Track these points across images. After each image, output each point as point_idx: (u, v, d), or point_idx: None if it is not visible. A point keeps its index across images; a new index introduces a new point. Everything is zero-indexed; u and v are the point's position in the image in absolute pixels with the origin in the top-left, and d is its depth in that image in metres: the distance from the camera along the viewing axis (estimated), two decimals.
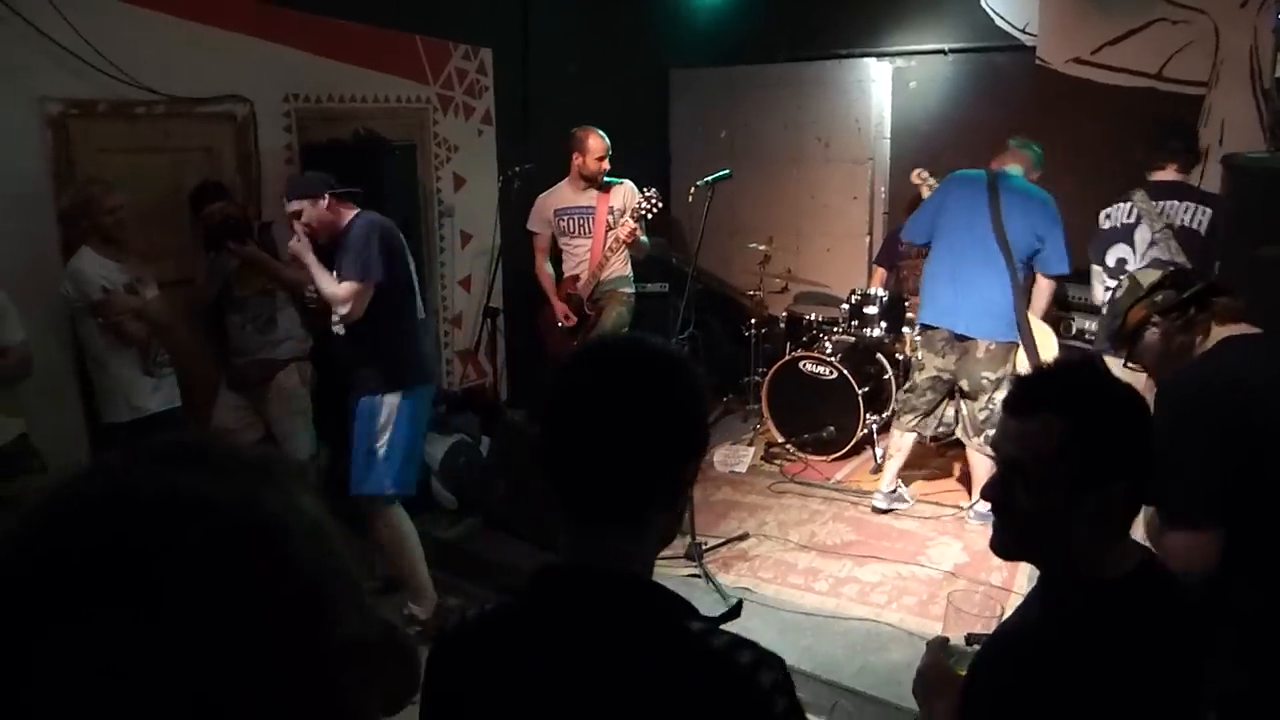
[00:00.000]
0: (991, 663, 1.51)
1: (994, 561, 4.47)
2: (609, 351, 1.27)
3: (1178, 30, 5.65)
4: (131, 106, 4.39)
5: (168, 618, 0.55)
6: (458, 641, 1.27)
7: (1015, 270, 4.56)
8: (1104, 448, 1.44)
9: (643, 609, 1.19)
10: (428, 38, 5.81)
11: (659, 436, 1.19)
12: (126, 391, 4.10)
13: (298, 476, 0.69)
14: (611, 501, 1.21)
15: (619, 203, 5.29)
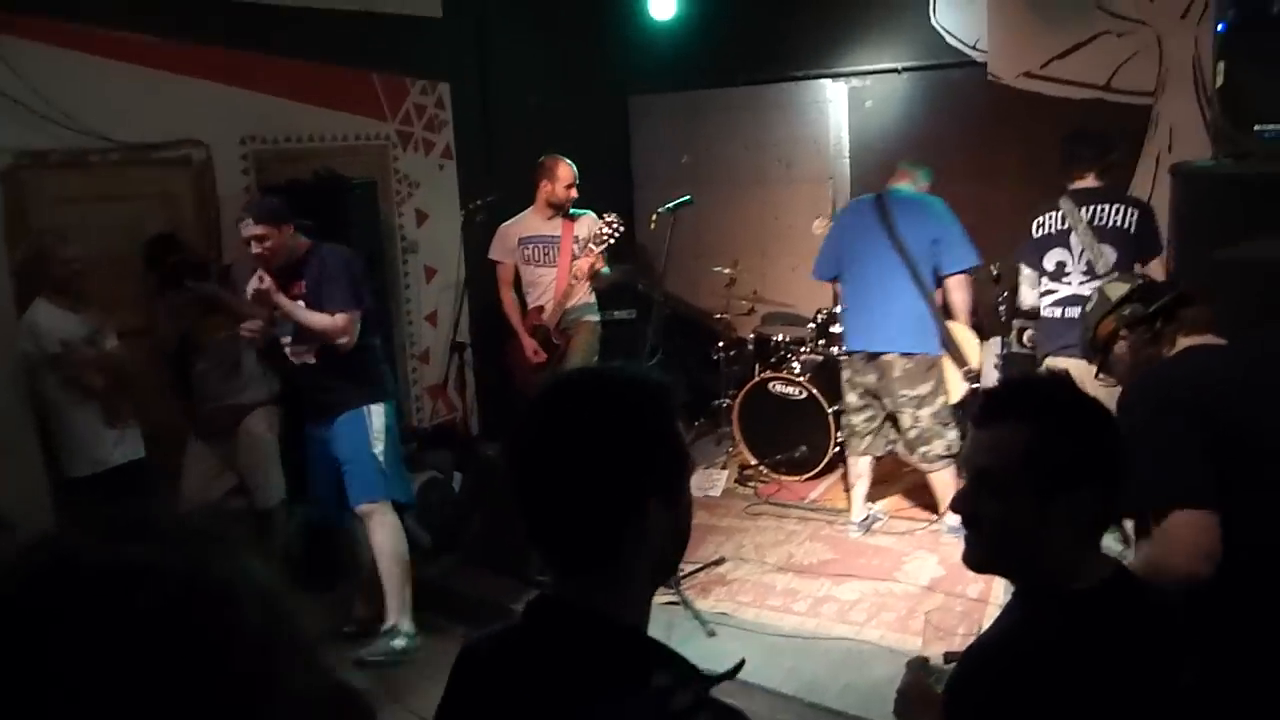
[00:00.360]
0: (970, 676, 1.51)
1: (971, 575, 4.46)
2: (559, 392, 1.23)
3: (1123, 42, 5.76)
4: (85, 155, 4.36)
5: (116, 685, 0.56)
6: (474, 654, 1.29)
7: (922, 280, 4.65)
8: (1068, 453, 1.46)
9: (607, 656, 1.14)
10: (384, 74, 5.82)
11: (612, 474, 1.14)
12: (89, 445, 4.04)
13: (247, 542, 0.70)
14: (578, 546, 1.18)
15: (584, 232, 5.29)
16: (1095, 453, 1.47)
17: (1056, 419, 1.49)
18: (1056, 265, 4.36)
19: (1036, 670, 1.41)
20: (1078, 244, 4.31)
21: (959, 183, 6.61)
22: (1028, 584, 1.55)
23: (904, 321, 4.67)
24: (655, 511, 1.16)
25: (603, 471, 1.14)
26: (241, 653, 0.62)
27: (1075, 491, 1.44)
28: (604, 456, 1.14)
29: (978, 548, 1.57)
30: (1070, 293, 4.30)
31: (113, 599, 0.58)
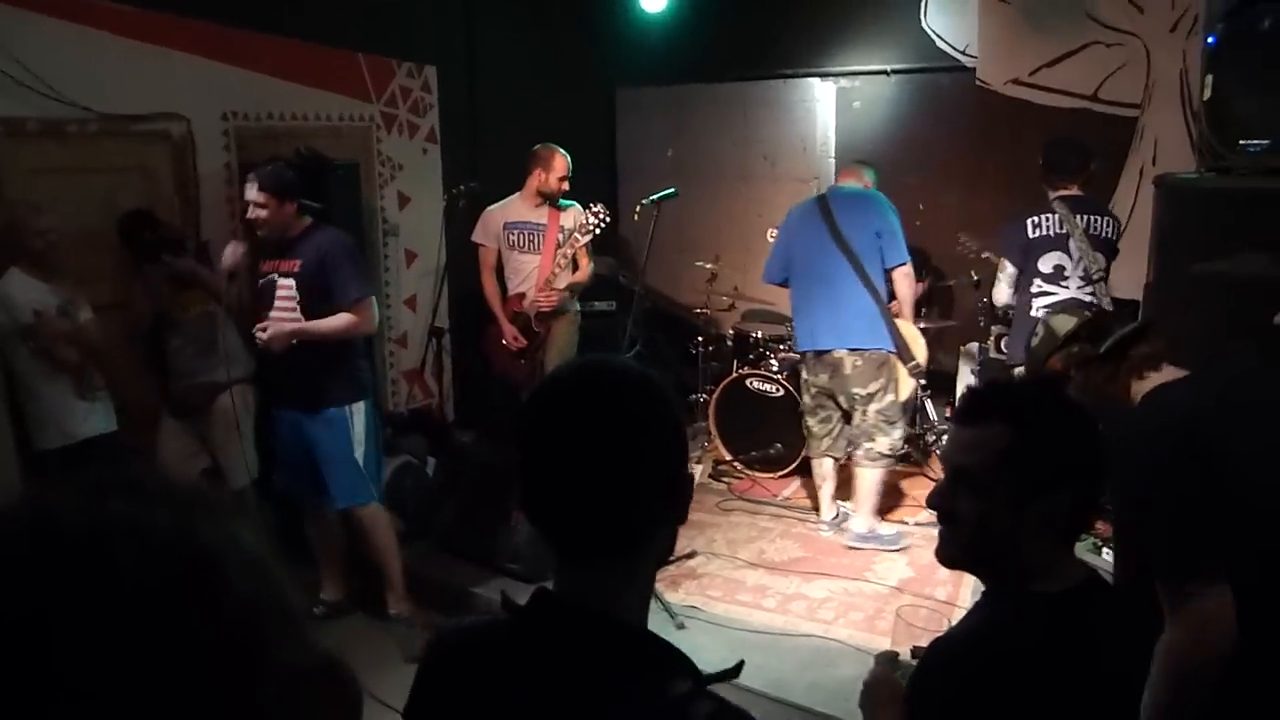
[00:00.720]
0: (936, 674, 1.51)
1: (939, 576, 4.50)
2: (582, 381, 1.20)
3: (1111, 53, 5.79)
4: (62, 125, 4.29)
5: (97, 647, 0.54)
6: (452, 654, 1.24)
7: (869, 275, 4.67)
8: (1047, 457, 1.47)
9: (626, 662, 1.12)
10: (371, 55, 5.76)
11: (652, 463, 1.14)
12: (59, 417, 3.99)
13: (236, 510, 0.67)
14: (609, 537, 1.15)
15: (570, 223, 5.28)
16: (1073, 458, 1.48)
17: (1037, 422, 1.50)
18: (1054, 269, 4.38)
19: (1005, 671, 1.41)
20: (1075, 249, 4.34)
21: (944, 188, 6.66)
22: (998, 584, 1.56)
23: (852, 318, 4.70)
24: (672, 501, 1.17)
25: (645, 460, 1.13)
26: (230, 619, 0.60)
27: (1052, 495, 1.45)
28: (648, 445, 1.14)
29: (951, 545, 1.58)
30: (1068, 296, 4.34)
31: (96, 559, 0.56)
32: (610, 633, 1.14)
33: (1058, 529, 1.48)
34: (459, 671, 1.21)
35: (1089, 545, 4.66)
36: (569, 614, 1.16)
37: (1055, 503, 1.45)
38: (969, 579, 4.40)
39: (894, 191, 6.57)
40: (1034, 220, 4.42)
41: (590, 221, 5.07)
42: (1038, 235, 4.41)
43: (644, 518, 1.15)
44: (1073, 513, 1.49)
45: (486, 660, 1.19)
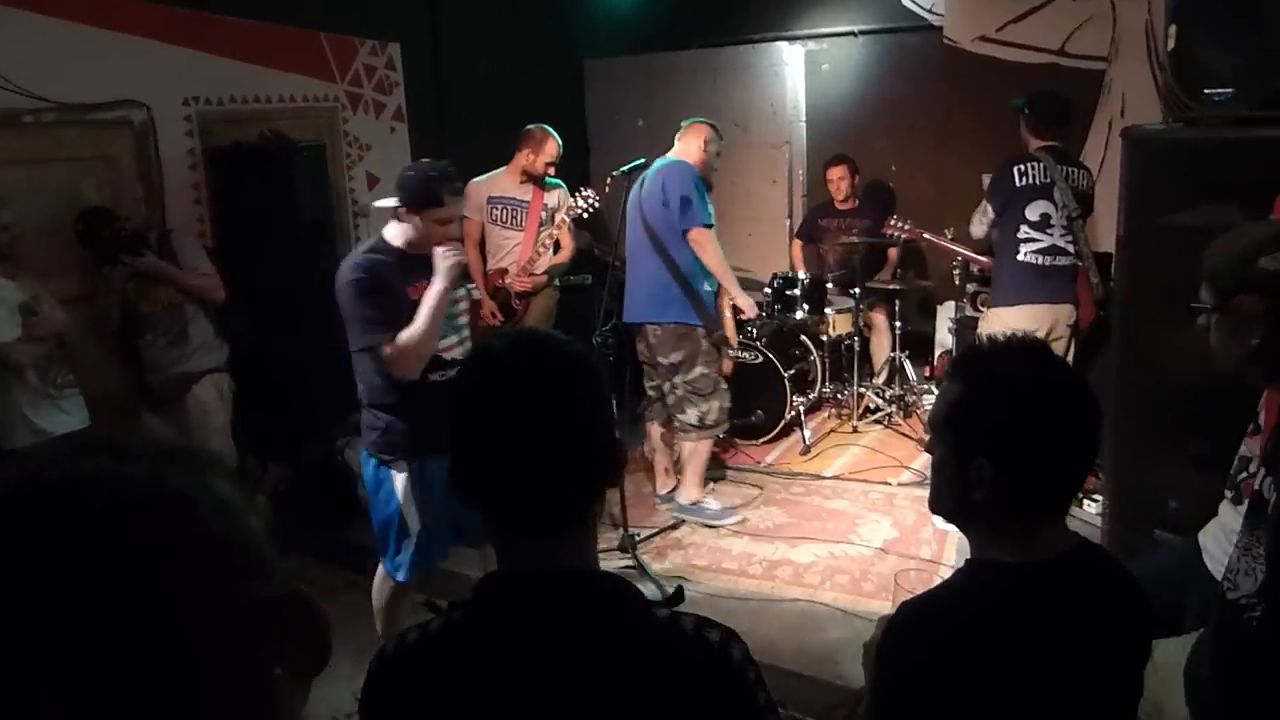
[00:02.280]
0: (906, 635, 1.50)
1: (923, 535, 4.54)
2: (509, 361, 1.20)
3: (1077, 7, 5.77)
4: (18, 115, 4.21)
5: (73, 579, 0.61)
6: (399, 663, 1.22)
7: (663, 247, 4.60)
8: (978, 417, 1.47)
9: (608, 602, 1.19)
10: (332, 34, 5.68)
11: (587, 437, 1.19)
12: (28, 415, 3.94)
13: (213, 463, 0.74)
14: (557, 512, 1.19)
15: (553, 201, 5.26)
16: (1000, 427, 1.46)
17: (979, 384, 1.51)
18: (1041, 216, 4.43)
19: (972, 637, 1.41)
20: (1060, 198, 4.38)
21: (915, 147, 6.65)
22: (975, 549, 1.56)
23: (646, 291, 4.69)
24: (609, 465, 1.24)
25: (589, 433, 1.19)
26: (197, 554, 0.67)
27: (982, 456, 1.45)
28: (589, 418, 1.19)
29: (931, 490, 1.61)
30: (1051, 243, 4.43)
31: (75, 505, 0.63)
32: (582, 583, 1.20)
33: (1001, 496, 1.45)
34: (413, 676, 1.20)
35: None
36: (533, 580, 1.18)
37: (983, 467, 1.44)
38: (954, 537, 4.43)
39: (865, 152, 6.60)
40: (1020, 168, 4.44)
41: (580, 205, 5.03)
42: (1024, 183, 4.43)
43: (588, 486, 1.21)
44: (1007, 483, 1.44)
45: (450, 656, 1.18)
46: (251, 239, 4.94)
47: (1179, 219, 2.93)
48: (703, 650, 1.17)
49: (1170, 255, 2.98)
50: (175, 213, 4.86)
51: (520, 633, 1.15)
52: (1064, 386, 1.50)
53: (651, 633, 1.17)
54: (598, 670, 1.13)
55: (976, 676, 1.40)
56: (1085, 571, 1.51)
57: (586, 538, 1.23)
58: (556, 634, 1.14)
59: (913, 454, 5.55)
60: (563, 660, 1.13)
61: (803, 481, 5.29)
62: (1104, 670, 1.47)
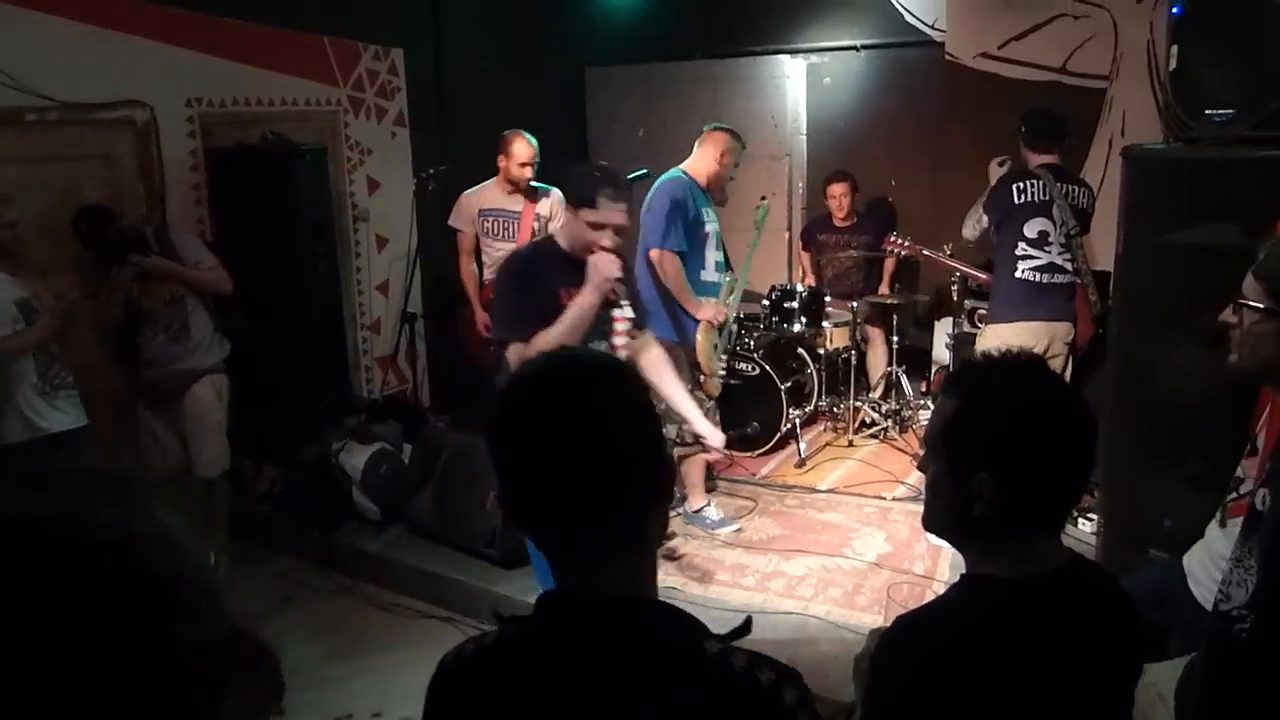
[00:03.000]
0: (898, 648, 1.50)
1: (917, 550, 4.53)
2: (549, 383, 1.19)
3: (1079, 25, 5.80)
4: (21, 114, 4.22)
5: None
6: (459, 673, 1.22)
7: (648, 260, 4.56)
8: (973, 433, 1.47)
9: (658, 633, 1.15)
10: (336, 38, 5.70)
11: (634, 453, 1.15)
12: (22, 410, 3.93)
13: (153, 491, 0.69)
14: (601, 535, 1.16)
15: (545, 210, 5.24)
16: (995, 442, 1.45)
17: (975, 399, 1.51)
18: (1039, 234, 4.43)
19: (965, 652, 1.41)
20: (1059, 216, 4.39)
21: (914, 162, 6.67)
22: (969, 563, 1.56)
23: (641, 303, 4.65)
24: (658, 484, 1.19)
25: (627, 453, 1.15)
26: (129, 598, 0.62)
27: (978, 472, 1.44)
28: (626, 437, 1.15)
29: (925, 507, 1.62)
30: (1049, 260, 4.43)
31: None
32: (635, 611, 1.16)
33: (999, 511, 1.45)
34: (471, 688, 1.20)
35: None
36: (588, 603, 1.17)
37: (981, 481, 1.44)
38: (947, 552, 4.43)
39: (864, 166, 6.61)
40: (1019, 186, 4.45)
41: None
42: (1023, 201, 4.44)
43: (635, 509, 1.16)
44: (1005, 497, 1.44)
45: (505, 671, 1.18)
46: (251, 240, 4.94)
47: (1178, 238, 2.93)
48: (750, 690, 1.12)
49: (1169, 274, 2.99)
50: (176, 213, 4.86)
51: (563, 656, 1.14)
52: (1061, 401, 1.49)
53: (696, 667, 1.12)
54: (634, 702, 1.11)
55: (969, 692, 1.40)
56: (1079, 587, 1.50)
57: (641, 563, 1.20)
58: (598, 661, 1.12)
59: (908, 469, 5.55)
60: (600, 688, 1.11)
61: (797, 494, 5.29)
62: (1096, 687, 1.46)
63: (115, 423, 4.56)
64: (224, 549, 4.74)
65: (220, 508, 4.72)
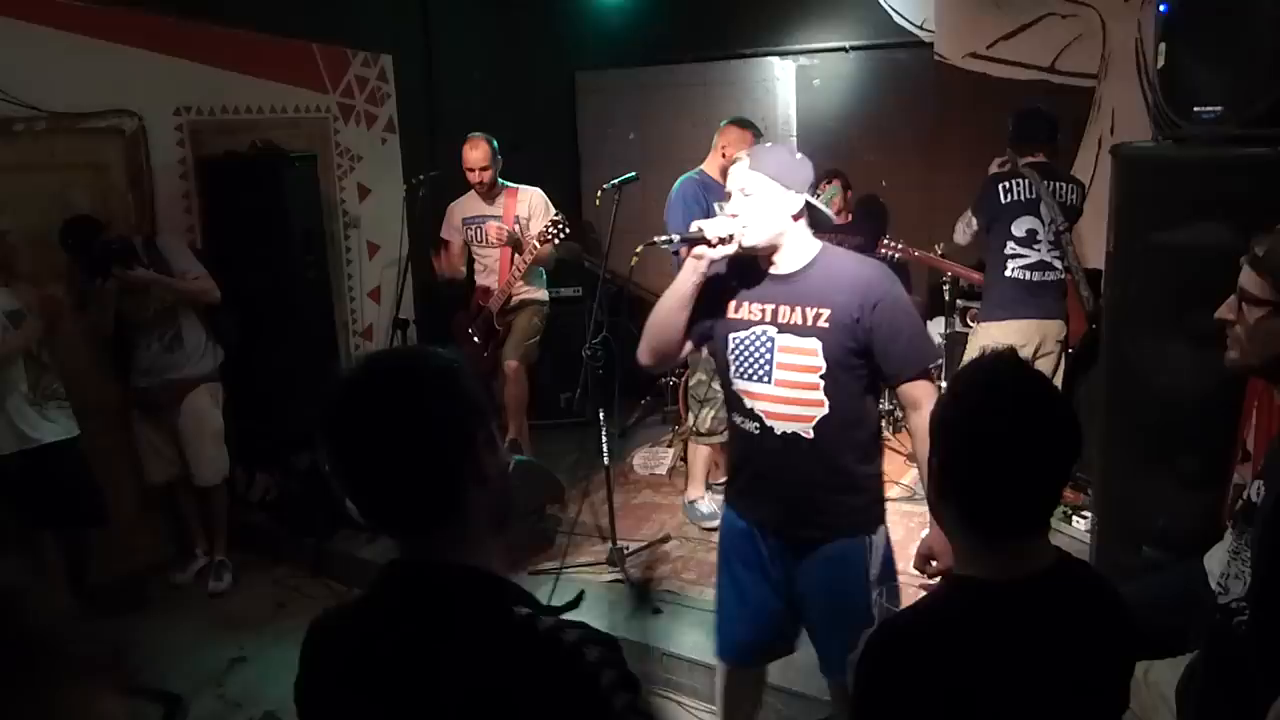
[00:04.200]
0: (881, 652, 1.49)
1: (911, 551, 4.49)
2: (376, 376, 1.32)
3: (1067, 24, 5.81)
4: (10, 124, 4.21)
5: None
6: (322, 631, 1.35)
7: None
8: (940, 431, 1.49)
9: (465, 595, 1.25)
10: (325, 45, 5.69)
11: (443, 442, 1.26)
12: (12, 421, 3.92)
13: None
14: (423, 509, 1.28)
15: (524, 211, 5.23)
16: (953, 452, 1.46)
17: (948, 395, 1.53)
18: (1027, 232, 4.43)
19: (948, 654, 1.42)
20: (1047, 214, 4.39)
21: (905, 163, 6.66)
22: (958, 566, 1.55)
23: None
24: (485, 458, 1.30)
25: (435, 434, 1.26)
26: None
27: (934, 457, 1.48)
28: (433, 420, 1.26)
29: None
30: (1039, 259, 4.43)
31: None
32: (449, 577, 1.27)
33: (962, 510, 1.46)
34: (326, 645, 1.34)
35: (1058, 513, 4.72)
36: (412, 570, 1.30)
37: (934, 466, 1.48)
38: None
39: (855, 167, 6.61)
40: (1005, 185, 4.46)
41: (549, 231, 4.96)
42: (1009, 200, 4.45)
43: (447, 487, 1.27)
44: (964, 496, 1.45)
45: (348, 631, 1.31)
46: (242, 248, 4.94)
47: (1168, 237, 2.94)
48: (553, 649, 1.20)
49: (1159, 273, 3.00)
50: (166, 221, 4.85)
51: (387, 618, 1.27)
52: (1023, 398, 1.43)
53: (502, 628, 1.21)
54: (442, 660, 1.21)
55: (952, 693, 1.40)
56: (1065, 588, 1.49)
57: (462, 535, 1.29)
58: (414, 622, 1.24)
59: (901, 469, 5.55)
60: (413, 647, 1.22)
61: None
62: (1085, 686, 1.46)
63: (108, 433, 4.54)
64: (226, 556, 4.74)
65: (220, 515, 4.72)
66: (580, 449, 5.86)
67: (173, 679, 3.73)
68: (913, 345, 2.50)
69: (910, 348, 2.49)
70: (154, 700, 2.60)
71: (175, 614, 4.47)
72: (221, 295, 4.52)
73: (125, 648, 3.66)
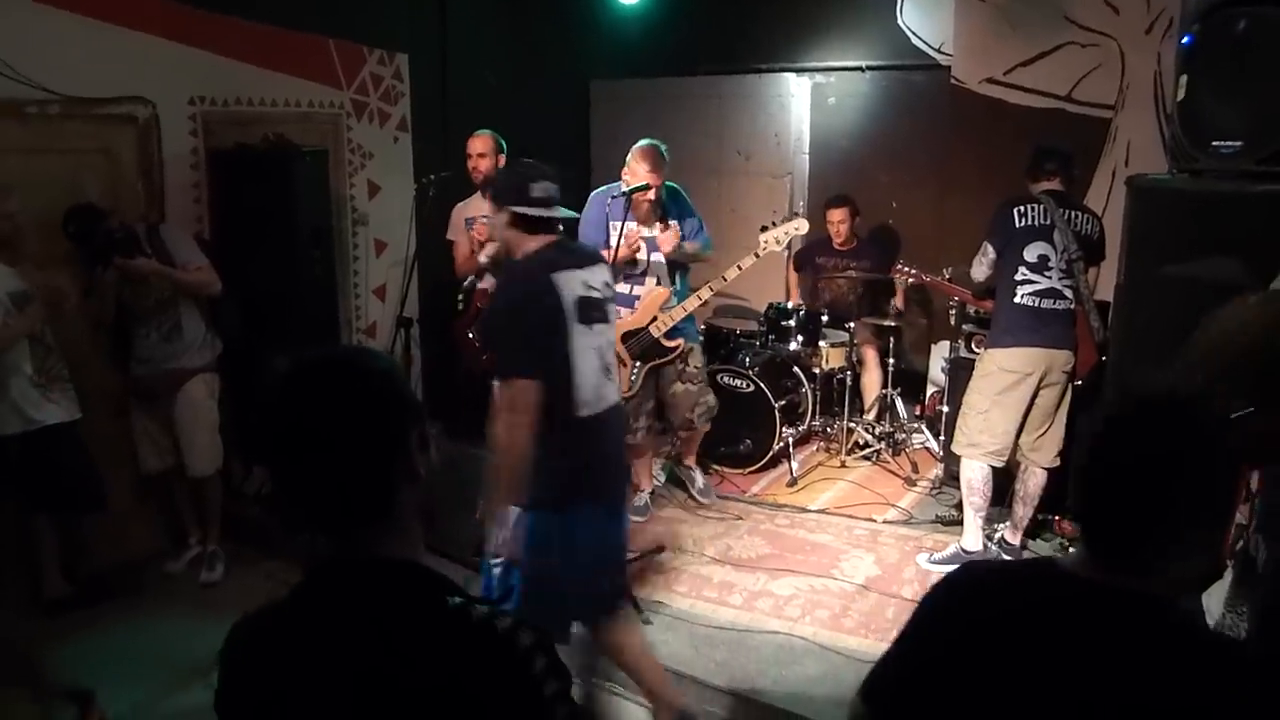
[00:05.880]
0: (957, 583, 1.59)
1: (906, 575, 4.50)
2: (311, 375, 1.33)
3: (1086, 54, 5.80)
4: (22, 106, 4.19)
5: None
6: (247, 630, 1.34)
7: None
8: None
9: (400, 589, 1.27)
10: (342, 41, 5.69)
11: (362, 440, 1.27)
12: (16, 402, 3.92)
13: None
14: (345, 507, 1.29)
15: None
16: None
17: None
18: (1039, 258, 4.38)
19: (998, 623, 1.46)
20: (1060, 241, 4.35)
21: (917, 185, 6.66)
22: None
23: None
24: (417, 456, 1.33)
25: (371, 433, 1.28)
26: None
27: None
28: (370, 420, 1.28)
29: None
30: (1049, 286, 4.35)
31: None
32: (379, 570, 1.29)
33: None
34: (252, 645, 1.33)
35: (1055, 545, 4.69)
36: (341, 567, 1.30)
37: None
38: (936, 577, 4.39)
39: (866, 188, 6.61)
40: (1020, 210, 4.42)
41: None
42: (1023, 224, 4.42)
43: (379, 483, 1.29)
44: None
45: (277, 630, 1.31)
46: (249, 241, 4.92)
47: (1180, 270, 2.92)
48: (486, 635, 1.23)
49: (1169, 306, 2.97)
50: (175, 211, 4.84)
51: (321, 620, 1.27)
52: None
53: (436, 618, 1.24)
54: (378, 656, 1.21)
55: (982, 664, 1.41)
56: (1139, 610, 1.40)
57: (393, 530, 1.31)
58: (348, 621, 1.24)
59: (900, 492, 5.53)
60: (348, 646, 1.22)
61: (788, 513, 5.26)
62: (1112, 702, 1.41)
63: (107, 420, 4.53)
64: (219, 546, 4.73)
65: (213, 506, 4.71)
66: None
67: (162, 667, 3.74)
68: (499, 350, 3.01)
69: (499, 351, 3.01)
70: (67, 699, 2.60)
71: (167, 603, 4.44)
72: (225, 287, 4.51)
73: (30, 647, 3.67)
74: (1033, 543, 4.71)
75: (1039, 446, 4.45)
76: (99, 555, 4.55)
